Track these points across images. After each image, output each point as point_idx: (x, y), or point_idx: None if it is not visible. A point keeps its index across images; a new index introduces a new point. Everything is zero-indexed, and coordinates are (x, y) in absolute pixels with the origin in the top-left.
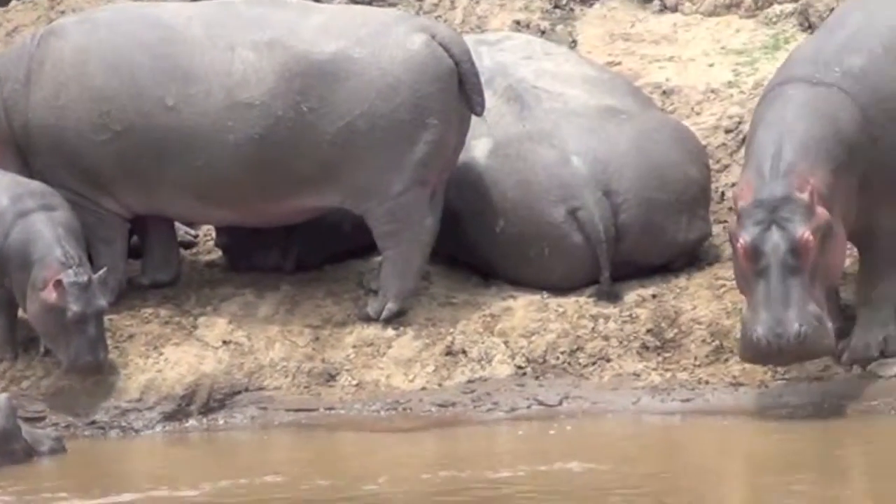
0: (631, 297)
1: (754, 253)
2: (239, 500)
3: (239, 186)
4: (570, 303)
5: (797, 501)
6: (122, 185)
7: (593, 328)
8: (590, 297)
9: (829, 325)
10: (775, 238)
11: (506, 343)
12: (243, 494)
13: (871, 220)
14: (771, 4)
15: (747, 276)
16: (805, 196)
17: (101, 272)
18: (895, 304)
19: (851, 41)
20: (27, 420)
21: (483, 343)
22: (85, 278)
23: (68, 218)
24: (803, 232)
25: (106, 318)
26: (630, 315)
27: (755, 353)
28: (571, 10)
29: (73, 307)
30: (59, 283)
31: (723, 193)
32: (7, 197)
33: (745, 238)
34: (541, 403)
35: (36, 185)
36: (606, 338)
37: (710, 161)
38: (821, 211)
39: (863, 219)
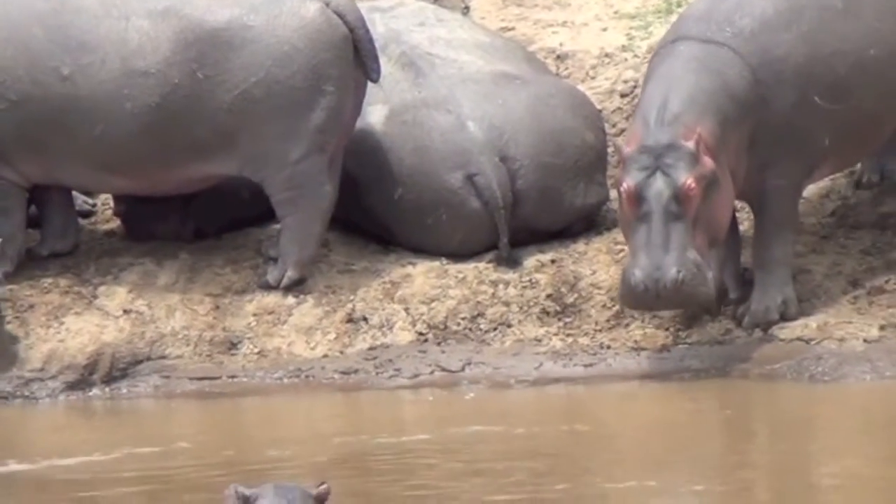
0: (530, 262)
1: (637, 198)
2: (142, 468)
3: (136, 155)
4: (469, 269)
5: (697, 465)
6: (20, 154)
7: (493, 294)
8: (489, 262)
9: (710, 274)
10: (659, 184)
11: (406, 310)
12: (147, 462)
13: (761, 180)
14: None
15: (630, 222)
16: (690, 144)
17: None
18: (790, 265)
19: (744, 3)
20: None
21: (384, 310)
22: None
23: None
24: (686, 178)
25: (5, 288)
26: (530, 280)
27: (633, 297)
28: None
29: None
30: None
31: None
32: None
33: (628, 183)
34: (443, 369)
35: None
36: (507, 303)
37: (606, 125)
38: (706, 160)
39: (754, 179)
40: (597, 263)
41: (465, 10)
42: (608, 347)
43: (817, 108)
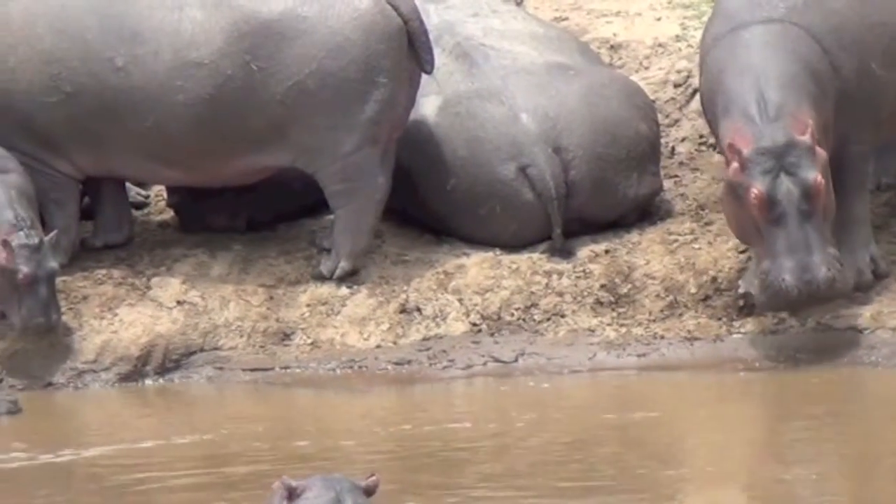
0: (584, 252)
1: (768, 202)
2: (193, 457)
3: (189, 146)
4: (523, 259)
5: (755, 452)
6: (74, 146)
7: (547, 284)
8: (543, 253)
9: (843, 263)
10: (788, 185)
11: (460, 300)
12: (198, 451)
13: (842, 146)
14: None
15: (758, 225)
16: (807, 138)
17: (52, 234)
18: (869, 222)
19: None
20: None
21: (437, 300)
22: (36, 240)
23: (21, 181)
24: (815, 176)
25: (59, 279)
26: (583, 271)
27: (784, 301)
28: None
29: (24, 268)
30: (6, 245)
31: (673, 148)
32: None
33: (757, 188)
34: (496, 360)
35: None
36: (560, 294)
37: (660, 116)
38: (820, 151)
39: (836, 147)
40: (650, 253)
41: (519, 1)
42: (662, 337)
43: (876, 76)
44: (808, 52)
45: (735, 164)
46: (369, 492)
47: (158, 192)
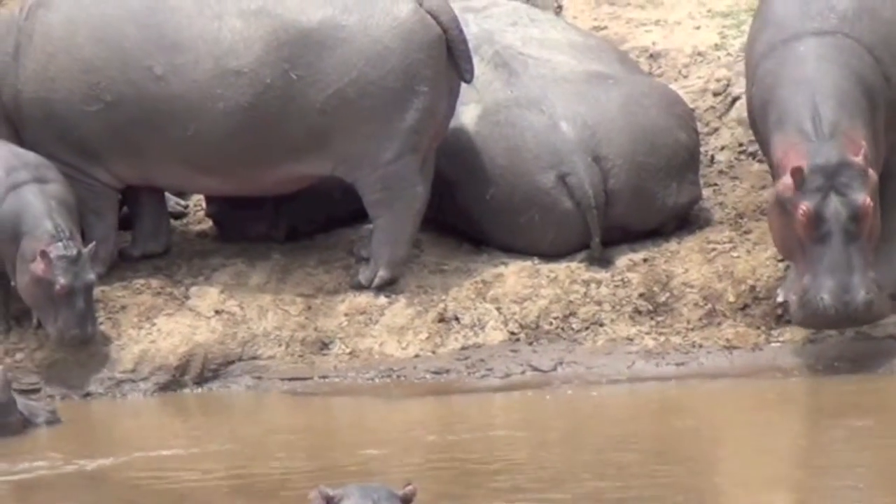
0: (622, 261)
1: (816, 220)
2: (232, 466)
3: (229, 155)
4: (561, 268)
5: (793, 461)
6: (113, 155)
7: (585, 293)
8: (581, 262)
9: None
10: (836, 205)
11: (498, 309)
12: (237, 461)
13: (889, 157)
14: None
15: (803, 242)
16: (860, 160)
17: (90, 246)
18: None
19: None
20: (22, 392)
21: (476, 309)
22: (74, 251)
23: (62, 191)
24: (864, 199)
25: (98, 289)
26: (622, 280)
27: (821, 319)
28: None
29: (61, 280)
30: (45, 255)
31: (712, 157)
32: (2, 169)
33: (806, 205)
34: (535, 369)
35: (32, 156)
36: (599, 302)
37: (699, 124)
38: (872, 173)
39: (884, 157)
40: (689, 262)
41: (558, 10)
42: (700, 346)
43: None
44: (860, 64)
45: (786, 180)
46: (407, 501)
47: (197, 202)
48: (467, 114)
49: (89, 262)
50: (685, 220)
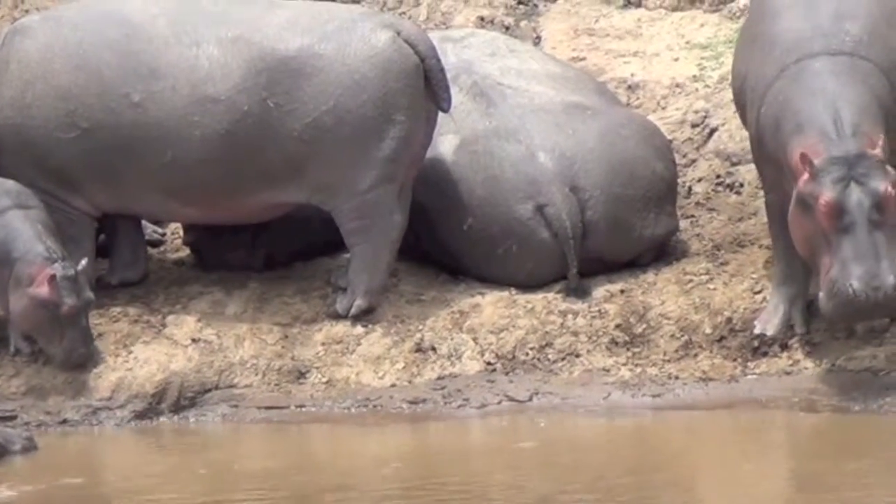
0: (599, 292)
1: (838, 210)
2: (207, 493)
3: (206, 183)
4: (538, 299)
5: (768, 494)
6: (90, 182)
7: (562, 324)
8: (558, 293)
9: None
10: (858, 194)
11: (475, 339)
12: (215, 487)
13: None
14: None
15: (827, 234)
16: (878, 152)
17: (83, 263)
18: None
19: (843, 9)
20: None
21: (452, 339)
22: (72, 271)
23: (44, 216)
24: (886, 186)
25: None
26: (599, 310)
27: (853, 308)
28: (535, 5)
29: (68, 300)
30: (52, 278)
31: (689, 188)
32: None
33: (827, 196)
34: (511, 399)
35: (11, 183)
36: (575, 333)
37: (677, 156)
38: (890, 168)
39: None
40: (666, 294)
41: (537, 41)
42: (676, 378)
43: None
44: (878, 84)
45: (806, 175)
46: None
47: (175, 230)
48: (445, 144)
49: (85, 280)
50: (662, 252)
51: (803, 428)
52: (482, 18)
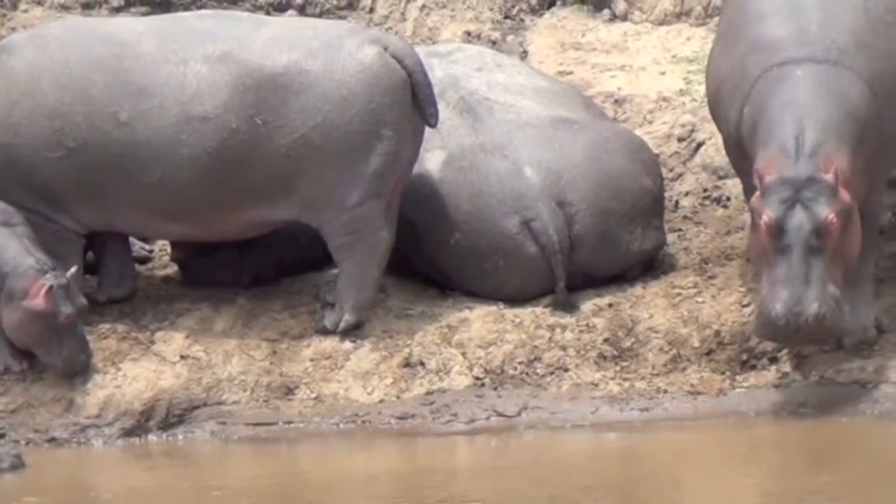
0: (587, 306)
1: (778, 230)
2: None
3: (194, 201)
4: (526, 313)
5: None
6: (77, 201)
7: (550, 338)
8: (546, 307)
9: (846, 307)
10: (800, 217)
11: (463, 354)
12: (206, 501)
13: (866, 198)
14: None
15: (767, 253)
16: (830, 178)
17: (72, 270)
18: (872, 279)
19: (831, 17)
20: None
21: (441, 354)
22: (64, 280)
23: (29, 232)
24: (828, 213)
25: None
26: (587, 325)
27: (772, 330)
28: (522, 20)
29: (65, 309)
30: (49, 289)
31: (677, 202)
32: None
33: (768, 215)
34: (500, 414)
35: None
36: (564, 347)
37: (663, 170)
38: (843, 193)
39: (863, 194)
40: (654, 307)
41: (524, 55)
42: (665, 391)
43: None
44: (857, 96)
45: (759, 192)
46: None
47: (162, 247)
48: (432, 159)
49: (76, 287)
50: (650, 266)
51: (792, 441)
52: (469, 33)
